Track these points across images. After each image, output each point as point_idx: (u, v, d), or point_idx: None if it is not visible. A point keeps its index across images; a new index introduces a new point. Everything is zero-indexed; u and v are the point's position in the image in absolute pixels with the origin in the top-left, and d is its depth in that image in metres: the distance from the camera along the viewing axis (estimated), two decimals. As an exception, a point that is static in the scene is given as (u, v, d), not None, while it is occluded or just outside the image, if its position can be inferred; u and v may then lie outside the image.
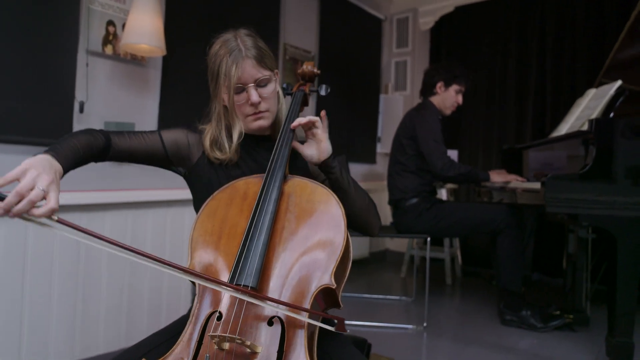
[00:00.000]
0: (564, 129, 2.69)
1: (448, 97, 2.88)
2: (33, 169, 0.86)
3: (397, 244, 4.41)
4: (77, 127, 2.21)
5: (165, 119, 2.59)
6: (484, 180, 2.79)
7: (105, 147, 1.13)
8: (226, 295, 0.98)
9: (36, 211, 0.83)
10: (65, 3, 2.14)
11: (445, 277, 3.59)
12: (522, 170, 3.14)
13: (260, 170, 1.22)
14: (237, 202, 1.12)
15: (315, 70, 1.39)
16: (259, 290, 0.97)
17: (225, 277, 1.01)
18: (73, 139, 1.05)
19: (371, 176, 4.26)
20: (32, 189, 0.83)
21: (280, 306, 0.96)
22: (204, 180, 1.25)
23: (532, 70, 3.72)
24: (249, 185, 1.15)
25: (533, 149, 2.94)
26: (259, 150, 1.29)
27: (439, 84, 2.87)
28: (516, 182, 2.64)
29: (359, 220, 1.25)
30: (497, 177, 2.75)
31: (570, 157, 2.50)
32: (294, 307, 0.94)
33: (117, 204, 2.31)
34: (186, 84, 2.67)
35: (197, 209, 1.31)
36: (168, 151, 1.22)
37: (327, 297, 1.03)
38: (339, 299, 1.05)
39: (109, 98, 2.36)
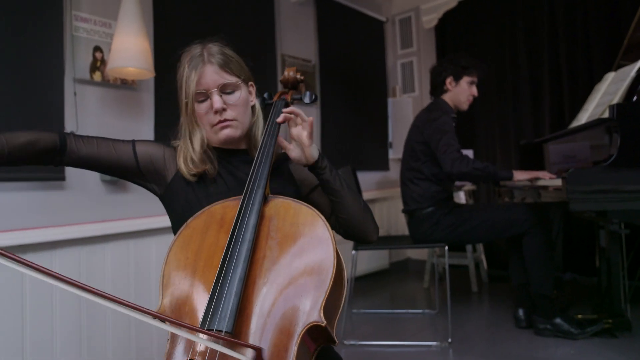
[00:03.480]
0: (583, 117, 2.51)
1: (461, 92, 2.68)
2: None
3: (418, 252, 4.23)
4: (69, 158, 2.14)
5: (161, 142, 2.50)
6: (505, 179, 2.54)
7: (59, 150, 1.04)
8: (202, 338, 0.86)
9: None
10: (47, 32, 2.08)
11: (471, 284, 3.39)
12: (544, 166, 2.95)
13: (240, 186, 1.10)
14: (213, 229, 1.00)
15: (298, 75, 1.28)
16: (236, 334, 0.85)
17: (199, 319, 0.88)
18: (3, 136, 0.96)
19: (385, 183, 4.11)
20: None
21: (264, 346, 0.84)
22: (181, 200, 1.14)
23: (544, 59, 3.53)
24: (227, 209, 1.03)
25: (553, 142, 2.76)
26: (238, 165, 1.17)
27: (448, 80, 2.68)
28: (544, 179, 2.42)
29: (354, 225, 1.15)
30: (522, 175, 2.48)
31: (594, 147, 2.32)
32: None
33: (118, 234, 2.22)
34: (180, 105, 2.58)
35: (175, 232, 1.20)
36: (140, 163, 1.13)
37: (317, 336, 0.90)
38: (334, 335, 0.91)
39: (101, 126, 2.28)
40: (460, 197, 3.56)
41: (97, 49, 2.28)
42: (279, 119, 1.11)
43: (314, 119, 1.14)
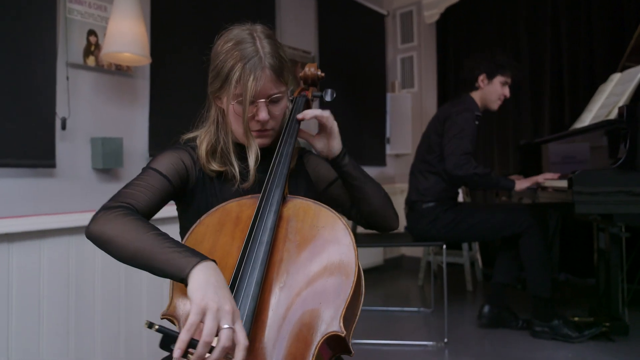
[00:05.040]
0: (587, 118, 2.48)
1: (492, 91, 2.60)
2: (211, 303, 0.73)
3: (413, 249, 4.20)
4: (60, 144, 2.05)
5: (157, 132, 2.42)
6: (506, 188, 2.49)
7: None
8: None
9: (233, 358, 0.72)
10: (39, 14, 1.98)
11: (466, 282, 3.37)
12: (542, 166, 2.93)
13: (257, 186, 1.04)
14: (228, 227, 0.94)
15: (319, 72, 1.21)
16: (251, 340, 0.79)
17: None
18: (152, 229, 0.86)
19: (382, 179, 4.07)
20: (218, 330, 0.72)
21: (278, 355, 0.79)
22: (194, 202, 1.07)
23: (546, 58, 3.50)
24: (243, 207, 0.97)
25: (553, 142, 2.73)
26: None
27: (481, 77, 2.59)
28: (547, 180, 2.38)
29: (378, 216, 1.14)
30: (523, 184, 2.44)
31: (593, 149, 2.30)
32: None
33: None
34: (178, 92, 2.50)
35: (183, 235, 1.14)
36: (174, 184, 1.03)
37: (334, 346, 0.85)
38: (350, 345, 0.86)
39: (94, 112, 2.19)
40: (458, 195, 3.53)
41: (91, 32, 2.18)
42: (299, 116, 1.06)
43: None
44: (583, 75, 3.32)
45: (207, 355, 0.71)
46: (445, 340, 2.38)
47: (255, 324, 0.81)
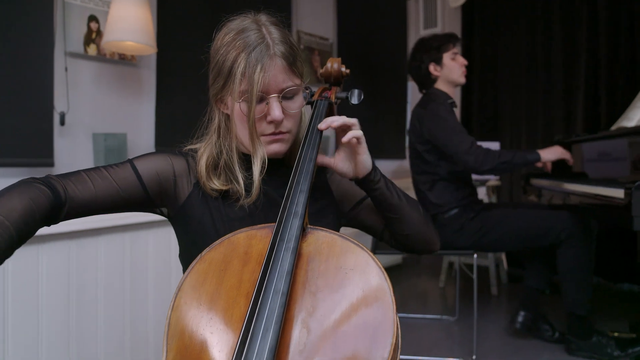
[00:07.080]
0: (635, 116, 2.25)
1: (450, 70, 2.41)
2: None
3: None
4: (59, 141, 1.90)
5: (163, 126, 2.26)
6: (533, 161, 2.29)
7: (56, 205, 0.77)
8: None
9: None
10: (34, -3, 1.81)
11: (491, 287, 3.18)
12: (575, 164, 2.71)
13: (272, 208, 0.86)
14: (234, 267, 0.77)
15: (344, 69, 1.02)
16: None
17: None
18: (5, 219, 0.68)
19: (401, 173, 3.88)
20: None
21: None
22: (193, 223, 0.90)
23: (581, 49, 3.25)
24: (253, 240, 0.79)
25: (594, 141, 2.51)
26: (270, 180, 0.92)
27: (432, 67, 2.42)
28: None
29: (418, 239, 0.99)
30: (549, 154, 2.26)
31: (631, 145, 2.08)
32: None
33: (112, 227, 1.99)
34: (186, 84, 2.33)
35: (183, 263, 0.97)
36: (148, 189, 0.87)
37: None
38: None
39: (95, 106, 2.04)
40: (481, 193, 3.32)
41: (92, 18, 2.02)
42: (322, 126, 0.86)
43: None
44: (622, 68, 3.07)
45: None
46: (474, 357, 2.20)
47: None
